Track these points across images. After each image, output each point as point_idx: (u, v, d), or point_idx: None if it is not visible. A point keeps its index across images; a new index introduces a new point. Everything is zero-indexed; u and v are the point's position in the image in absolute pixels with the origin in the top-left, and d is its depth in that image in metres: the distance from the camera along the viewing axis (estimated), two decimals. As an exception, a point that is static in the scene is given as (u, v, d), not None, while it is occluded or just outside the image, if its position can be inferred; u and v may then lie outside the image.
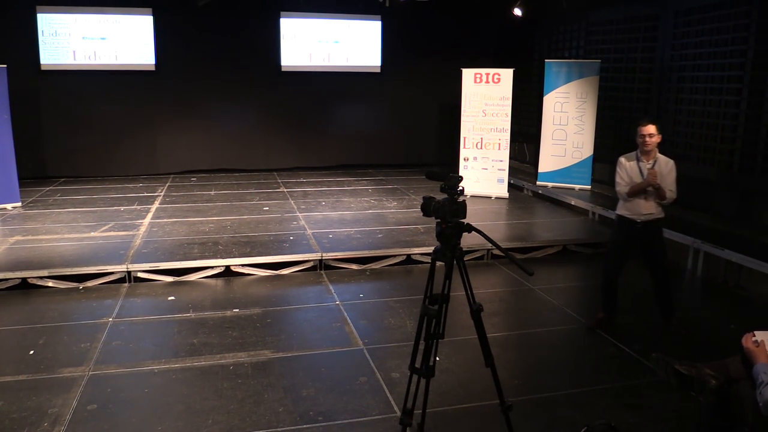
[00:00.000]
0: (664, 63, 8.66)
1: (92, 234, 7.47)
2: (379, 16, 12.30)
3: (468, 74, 9.88)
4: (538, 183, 10.20)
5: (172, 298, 5.93)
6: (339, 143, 12.60)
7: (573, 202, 9.13)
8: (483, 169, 9.89)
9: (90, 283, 6.20)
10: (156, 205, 9.15)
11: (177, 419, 3.82)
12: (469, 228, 3.20)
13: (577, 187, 9.74)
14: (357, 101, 12.59)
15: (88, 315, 5.47)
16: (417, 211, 8.65)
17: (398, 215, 8.55)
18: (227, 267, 6.51)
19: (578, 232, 7.96)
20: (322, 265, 6.71)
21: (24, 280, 6.10)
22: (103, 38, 11.26)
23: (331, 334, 5.11)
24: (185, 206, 9.05)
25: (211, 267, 6.48)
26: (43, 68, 11.05)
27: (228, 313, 5.51)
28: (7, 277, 6.06)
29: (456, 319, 4.84)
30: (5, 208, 8.74)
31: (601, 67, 9.54)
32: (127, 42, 11.34)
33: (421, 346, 3.24)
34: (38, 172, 11.05)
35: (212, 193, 10.10)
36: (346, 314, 5.50)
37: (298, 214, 8.59)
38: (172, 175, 11.66)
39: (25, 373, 4.38)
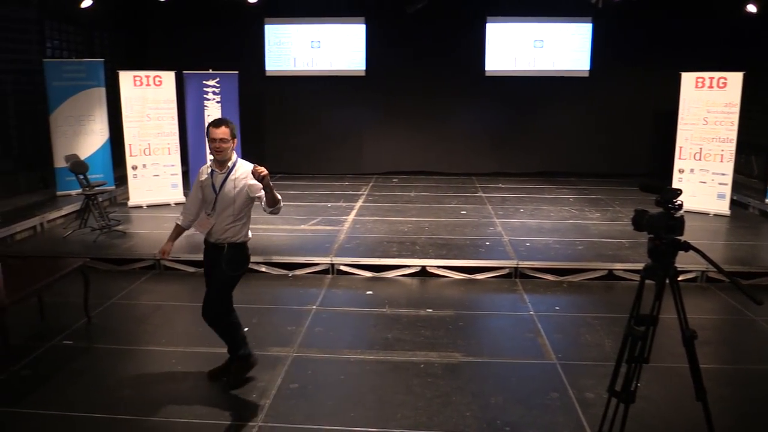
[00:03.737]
0: None
1: (302, 227, 8.08)
2: (590, 18, 11.77)
3: (688, 78, 9.08)
4: (767, 201, 9.06)
5: (370, 292, 6.19)
6: (541, 149, 12.30)
7: (811, 225, 7.97)
8: (701, 183, 9.02)
9: (298, 272, 6.70)
10: (360, 203, 9.64)
11: (368, 408, 3.98)
12: (687, 246, 2.94)
13: (818, 207, 8.49)
14: (562, 106, 12.18)
15: (296, 301, 5.93)
16: (622, 224, 8.17)
17: (601, 227, 8.11)
18: (423, 267, 6.65)
19: (816, 260, 6.94)
20: (517, 273, 6.58)
21: (244, 264, 6.77)
22: (319, 46, 12.15)
23: (523, 345, 4.99)
24: (386, 206, 9.43)
25: (408, 266, 6.66)
26: (267, 74, 12.24)
27: (422, 312, 5.63)
28: (231, 260, 6.77)
29: (662, 344, 4.46)
30: (232, 199, 9.77)
31: None
32: (341, 49, 12.13)
33: (623, 369, 3.04)
34: (259, 167, 12.19)
35: (412, 194, 10.39)
36: (539, 326, 5.34)
37: (495, 219, 8.52)
38: (375, 176, 12.21)
39: (240, 348, 4.85)
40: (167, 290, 6.16)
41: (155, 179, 9.39)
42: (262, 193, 3.89)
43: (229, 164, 4.04)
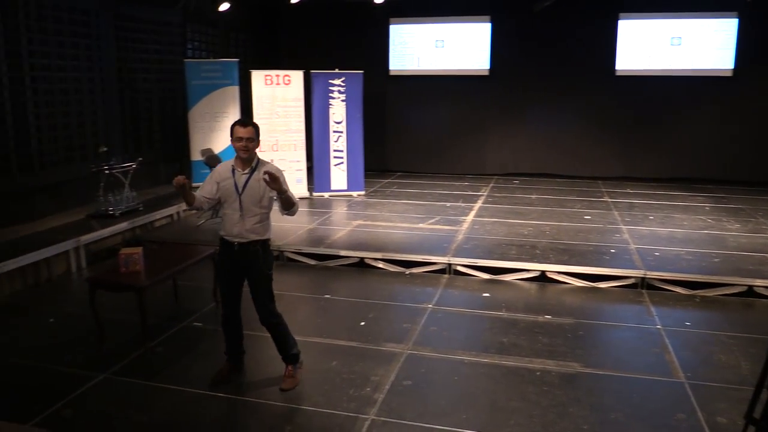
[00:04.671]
0: None
1: (420, 225, 8.10)
2: (736, 13, 10.91)
3: None
4: None
5: (487, 294, 6.10)
6: (674, 153, 11.57)
7: None
8: None
9: (415, 270, 6.72)
10: (479, 204, 9.53)
11: (481, 412, 3.91)
12: None
13: None
14: (700, 108, 11.38)
15: (411, 298, 5.95)
16: (765, 237, 7.52)
17: (741, 239, 7.50)
18: (543, 272, 6.46)
19: None
20: (644, 284, 6.22)
21: (362, 259, 6.91)
22: (443, 45, 12.13)
23: (647, 360, 4.71)
24: (506, 207, 9.25)
25: (527, 270, 6.49)
26: (391, 73, 12.39)
27: (540, 318, 5.47)
28: (349, 254, 6.94)
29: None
30: (352, 195, 10.02)
31: None
32: (465, 48, 12.04)
33: (764, 395, 2.79)
34: (380, 165, 12.39)
35: (533, 197, 10.13)
36: (667, 341, 5.02)
37: (621, 226, 8.12)
38: (495, 177, 12.03)
39: (355, 341, 4.95)
40: (289, 281, 6.40)
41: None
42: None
43: (252, 164, 4.14)
